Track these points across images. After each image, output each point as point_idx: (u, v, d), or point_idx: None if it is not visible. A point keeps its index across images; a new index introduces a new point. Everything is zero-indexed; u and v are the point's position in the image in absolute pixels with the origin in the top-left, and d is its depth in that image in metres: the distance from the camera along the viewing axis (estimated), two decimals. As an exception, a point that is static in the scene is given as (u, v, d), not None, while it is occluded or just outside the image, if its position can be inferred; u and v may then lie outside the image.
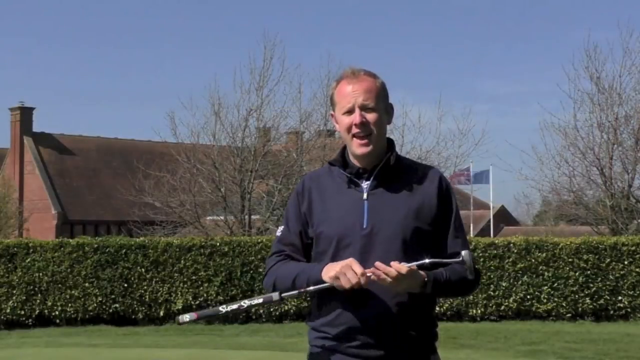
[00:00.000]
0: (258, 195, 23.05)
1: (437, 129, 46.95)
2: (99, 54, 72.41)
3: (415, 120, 37.74)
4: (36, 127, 40.33)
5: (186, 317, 2.67)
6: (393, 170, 2.76)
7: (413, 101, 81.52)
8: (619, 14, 73.59)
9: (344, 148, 2.84)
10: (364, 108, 2.72)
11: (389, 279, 2.51)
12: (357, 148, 2.73)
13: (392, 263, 2.53)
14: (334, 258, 2.67)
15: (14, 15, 69.36)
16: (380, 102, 2.76)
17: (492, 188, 33.15)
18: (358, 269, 2.52)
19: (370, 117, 2.72)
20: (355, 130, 2.72)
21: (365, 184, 2.75)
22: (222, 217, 22.64)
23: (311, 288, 2.64)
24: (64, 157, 39.97)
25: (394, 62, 70.31)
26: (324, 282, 2.61)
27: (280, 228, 2.89)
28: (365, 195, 2.73)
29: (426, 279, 2.60)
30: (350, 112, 2.73)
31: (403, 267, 2.52)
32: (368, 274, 2.53)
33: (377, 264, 2.53)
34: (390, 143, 2.82)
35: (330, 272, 2.58)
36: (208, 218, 23.52)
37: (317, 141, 23.51)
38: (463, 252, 2.64)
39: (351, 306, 2.65)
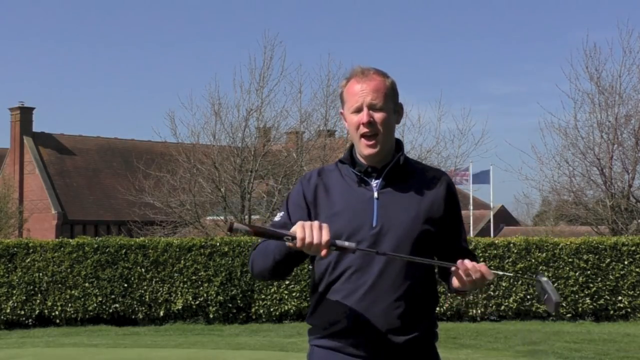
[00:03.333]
0: (258, 195, 23.06)
1: (437, 129, 47.02)
2: (99, 54, 72.44)
3: (415, 120, 37.79)
4: (36, 127, 40.37)
5: (242, 227, 2.41)
6: (402, 171, 2.77)
7: (413, 101, 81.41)
8: (619, 14, 73.62)
9: (352, 146, 2.84)
10: (372, 107, 2.71)
11: (473, 277, 2.52)
12: (365, 149, 2.72)
13: (481, 266, 2.52)
14: (340, 255, 2.67)
15: (13, 15, 69.39)
16: (389, 102, 2.75)
17: (492, 188, 33.12)
18: (326, 235, 2.43)
19: (378, 116, 2.71)
20: (362, 129, 2.71)
21: (374, 183, 2.75)
22: (222, 217, 22.65)
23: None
24: (64, 157, 39.96)
25: (394, 61, 70.32)
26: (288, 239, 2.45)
27: (280, 214, 2.82)
28: (375, 194, 2.73)
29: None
30: (358, 110, 2.72)
31: (489, 274, 2.53)
32: (350, 246, 2.46)
33: (467, 262, 2.52)
34: (399, 143, 2.82)
35: (298, 225, 2.45)
36: (208, 218, 23.53)
37: (317, 141, 23.52)
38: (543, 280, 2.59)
39: (356, 305, 2.65)
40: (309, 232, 2.42)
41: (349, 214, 2.69)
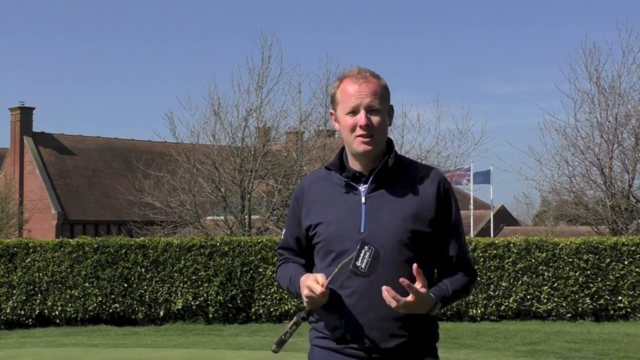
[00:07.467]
0: (258, 195, 23.05)
1: (437, 129, 47.07)
2: (99, 54, 72.44)
3: (414, 120, 37.83)
4: (36, 127, 40.30)
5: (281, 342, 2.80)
6: (392, 172, 2.73)
7: (412, 101, 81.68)
8: (618, 14, 73.60)
9: (341, 151, 2.81)
10: (369, 109, 2.69)
11: (394, 303, 2.51)
12: (359, 146, 2.69)
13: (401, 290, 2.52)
14: (334, 262, 2.67)
15: (13, 16, 69.40)
16: (384, 105, 2.74)
17: (492, 188, 33.08)
18: (318, 289, 2.57)
19: (375, 119, 2.69)
20: (359, 131, 2.68)
21: (363, 188, 2.72)
22: (222, 217, 22.65)
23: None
24: (64, 157, 39.93)
25: (394, 61, 70.32)
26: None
27: (283, 232, 2.96)
28: (363, 199, 2.70)
29: (435, 302, 2.63)
30: (354, 112, 2.70)
31: (409, 297, 2.51)
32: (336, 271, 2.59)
33: (386, 288, 2.51)
34: (390, 144, 2.79)
35: (303, 291, 2.65)
36: (208, 218, 23.52)
37: (316, 141, 23.51)
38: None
39: (352, 309, 2.65)
40: (311, 299, 2.62)
41: (337, 221, 2.69)
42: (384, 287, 2.51)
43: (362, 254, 2.51)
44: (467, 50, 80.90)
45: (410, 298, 2.51)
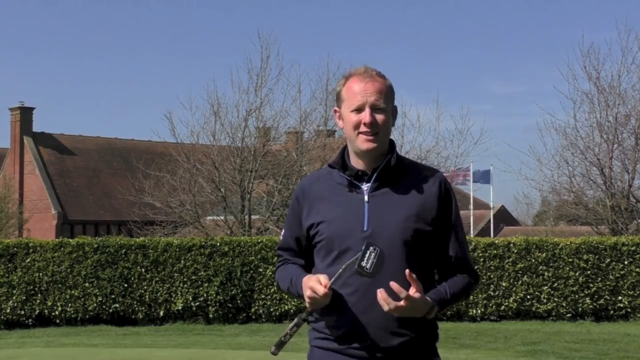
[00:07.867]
0: (258, 195, 23.06)
1: (437, 129, 47.03)
2: (98, 54, 72.44)
3: (414, 120, 37.79)
4: (36, 127, 40.33)
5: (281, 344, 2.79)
6: (394, 172, 2.75)
7: (412, 102, 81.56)
8: (617, 14, 73.57)
9: (344, 150, 2.83)
10: (374, 108, 2.71)
11: (386, 307, 2.52)
12: (363, 143, 2.71)
13: (394, 290, 2.51)
14: (336, 261, 2.68)
15: (14, 16, 69.39)
16: (389, 104, 2.76)
17: (492, 188, 33.10)
18: (321, 290, 2.56)
19: (380, 117, 2.71)
20: (363, 129, 2.70)
21: (365, 186, 2.74)
22: (222, 217, 22.65)
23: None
24: (64, 157, 39.94)
25: (393, 61, 70.30)
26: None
27: (282, 233, 2.95)
28: (366, 198, 2.72)
29: (432, 305, 2.63)
30: (359, 110, 2.72)
31: (401, 302, 2.51)
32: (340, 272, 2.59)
33: (380, 291, 2.52)
34: (392, 144, 2.81)
35: (305, 292, 2.64)
36: (208, 218, 23.52)
37: (316, 141, 23.51)
38: None
39: (353, 308, 2.65)
40: (313, 300, 2.62)
41: (340, 220, 2.70)
42: (378, 290, 2.52)
43: (367, 255, 2.52)
44: (467, 50, 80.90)
45: (402, 302, 2.51)
